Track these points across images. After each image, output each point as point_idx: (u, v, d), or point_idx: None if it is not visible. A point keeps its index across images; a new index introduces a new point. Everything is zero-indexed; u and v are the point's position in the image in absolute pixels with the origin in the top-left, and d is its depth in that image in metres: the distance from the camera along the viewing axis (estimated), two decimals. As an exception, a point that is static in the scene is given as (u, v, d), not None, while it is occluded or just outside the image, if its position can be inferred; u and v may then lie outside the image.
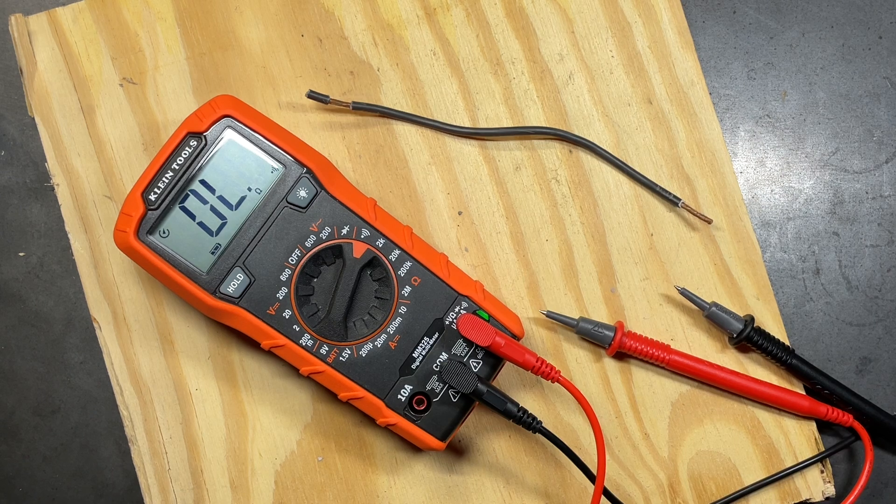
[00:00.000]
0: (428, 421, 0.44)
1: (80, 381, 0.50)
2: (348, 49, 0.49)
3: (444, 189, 0.49)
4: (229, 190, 0.43)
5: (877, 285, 0.50)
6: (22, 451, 0.50)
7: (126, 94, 0.48)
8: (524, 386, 0.48)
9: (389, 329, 0.44)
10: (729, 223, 0.49)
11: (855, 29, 0.51)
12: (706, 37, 0.51)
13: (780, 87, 0.51)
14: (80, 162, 0.48)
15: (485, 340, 0.43)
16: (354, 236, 0.43)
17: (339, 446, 0.48)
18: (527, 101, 0.49)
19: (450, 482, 0.48)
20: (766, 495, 0.48)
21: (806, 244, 0.50)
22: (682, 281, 0.49)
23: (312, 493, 0.48)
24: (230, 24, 0.49)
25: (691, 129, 0.49)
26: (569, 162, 0.49)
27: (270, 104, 0.49)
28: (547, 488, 0.48)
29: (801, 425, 0.49)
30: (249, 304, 0.43)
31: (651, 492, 0.48)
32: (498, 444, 0.48)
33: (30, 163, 0.50)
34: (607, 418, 0.48)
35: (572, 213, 0.49)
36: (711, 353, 0.49)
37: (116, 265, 0.48)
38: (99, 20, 0.49)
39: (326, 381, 0.44)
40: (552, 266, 0.49)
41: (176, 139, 0.43)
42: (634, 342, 0.47)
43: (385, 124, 0.49)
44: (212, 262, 0.43)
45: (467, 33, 0.49)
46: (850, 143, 0.51)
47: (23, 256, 0.50)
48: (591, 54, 0.49)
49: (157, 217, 0.42)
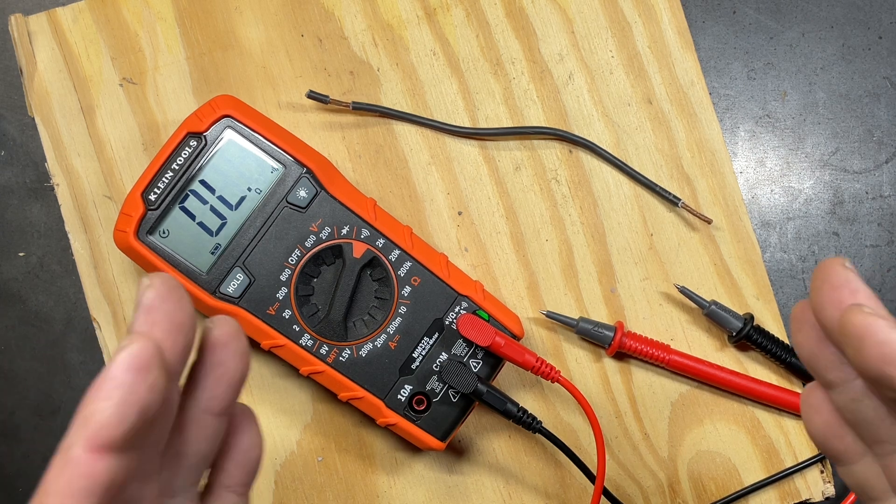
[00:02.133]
0: (428, 421, 0.44)
1: (80, 381, 0.50)
2: (348, 49, 0.49)
3: (444, 189, 0.49)
4: (229, 190, 0.43)
5: (877, 285, 0.50)
6: (22, 451, 0.50)
7: (126, 94, 0.48)
8: (524, 386, 0.48)
9: (389, 329, 0.44)
10: (729, 223, 0.49)
11: (855, 29, 0.51)
12: (706, 37, 0.51)
13: (780, 87, 0.51)
14: (80, 162, 0.48)
15: (485, 340, 0.43)
16: (354, 236, 0.43)
17: (339, 446, 0.48)
18: (527, 101, 0.49)
19: (450, 482, 0.48)
20: (766, 495, 0.48)
21: (806, 244, 0.50)
22: (681, 281, 0.49)
23: (312, 493, 0.48)
24: (230, 24, 0.49)
25: (691, 129, 0.49)
26: (569, 162, 0.49)
27: (270, 104, 0.49)
28: (547, 488, 0.48)
29: (801, 425, 0.49)
30: (249, 304, 0.43)
31: (651, 492, 0.48)
32: (498, 444, 0.48)
33: (30, 163, 0.50)
34: (607, 418, 0.48)
35: (572, 213, 0.49)
36: (711, 352, 0.49)
37: (116, 265, 0.48)
38: (99, 20, 0.49)
39: (326, 381, 0.44)
40: (552, 266, 0.49)
41: (176, 139, 0.43)
42: (634, 342, 0.47)
43: (385, 124, 0.49)
44: (212, 262, 0.43)
45: (467, 33, 0.49)
46: (850, 143, 0.51)
47: (23, 256, 0.50)
48: (591, 54, 0.49)
49: (156, 217, 0.42)
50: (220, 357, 0.28)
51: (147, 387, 0.24)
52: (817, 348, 0.29)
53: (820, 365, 0.30)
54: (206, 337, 0.28)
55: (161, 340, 0.25)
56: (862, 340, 0.26)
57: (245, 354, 0.29)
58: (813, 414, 0.31)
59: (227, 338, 0.28)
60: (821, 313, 0.28)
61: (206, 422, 0.29)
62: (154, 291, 0.26)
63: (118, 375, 0.23)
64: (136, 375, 0.23)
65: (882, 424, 0.29)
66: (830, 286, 0.28)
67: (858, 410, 0.29)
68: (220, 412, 0.29)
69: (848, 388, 0.29)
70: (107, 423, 0.23)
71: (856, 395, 0.29)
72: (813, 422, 0.31)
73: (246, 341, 0.29)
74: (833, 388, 0.30)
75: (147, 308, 0.25)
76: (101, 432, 0.23)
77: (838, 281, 0.28)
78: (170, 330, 0.26)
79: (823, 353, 0.29)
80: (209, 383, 0.28)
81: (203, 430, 0.29)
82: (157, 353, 0.24)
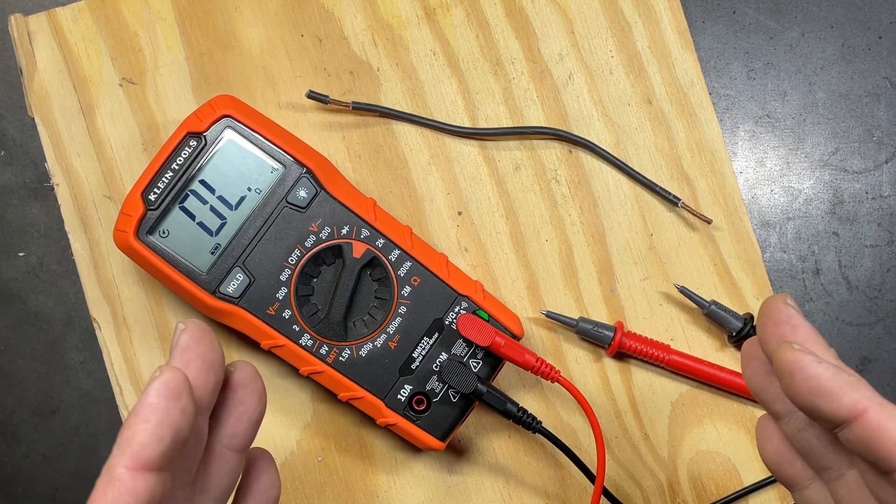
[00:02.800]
0: (428, 421, 0.44)
1: (80, 381, 0.50)
2: (348, 49, 0.49)
3: (444, 189, 0.49)
4: (229, 190, 0.43)
5: (876, 285, 0.50)
6: (22, 451, 0.50)
7: (126, 94, 0.48)
8: (524, 386, 0.48)
9: (389, 329, 0.44)
10: (729, 223, 0.49)
11: (855, 29, 0.51)
12: (706, 37, 0.51)
13: (780, 87, 0.51)
14: (80, 162, 0.48)
15: (485, 340, 0.43)
16: (354, 236, 0.43)
17: (339, 446, 0.48)
18: (526, 101, 0.49)
19: (450, 482, 0.48)
20: (766, 495, 0.48)
21: (806, 244, 0.50)
22: (681, 281, 0.49)
23: (312, 493, 0.48)
24: (230, 24, 0.49)
25: (691, 129, 0.49)
26: (569, 162, 0.49)
27: (270, 104, 0.49)
28: (547, 488, 0.48)
29: (800, 425, 0.49)
30: (249, 304, 0.43)
31: (651, 492, 0.48)
32: (498, 444, 0.48)
33: (30, 163, 0.50)
34: (607, 418, 0.48)
35: (572, 213, 0.49)
36: (711, 352, 0.49)
37: (116, 265, 0.48)
38: (99, 20, 0.49)
39: (326, 381, 0.44)
40: (552, 266, 0.49)
41: (176, 139, 0.43)
42: (634, 342, 0.47)
43: (385, 124, 0.49)
44: (212, 262, 0.43)
45: (467, 33, 0.49)
46: (850, 143, 0.51)
47: (23, 256, 0.50)
48: (591, 54, 0.49)
49: (156, 217, 0.42)
50: (241, 396, 0.31)
51: (180, 410, 0.27)
52: (764, 381, 0.31)
53: (767, 397, 0.32)
54: (227, 378, 0.31)
55: (195, 377, 0.28)
56: (792, 376, 0.27)
57: (263, 395, 0.32)
58: (765, 442, 0.33)
59: (247, 379, 0.32)
60: (765, 347, 0.30)
61: (228, 457, 0.31)
62: (189, 334, 0.29)
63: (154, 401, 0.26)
64: (169, 400, 0.27)
65: (826, 452, 0.31)
66: (773, 322, 0.29)
67: (804, 439, 0.31)
68: (241, 448, 0.32)
69: (793, 419, 0.31)
70: (147, 442, 0.26)
71: (800, 424, 0.31)
72: (766, 450, 0.33)
73: (263, 383, 0.32)
74: (780, 418, 0.32)
75: (183, 349, 0.29)
76: (142, 451, 0.26)
77: (780, 317, 0.29)
78: (202, 367, 0.29)
79: (770, 386, 0.31)
80: (231, 421, 0.31)
81: (225, 465, 0.31)
82: (186, 381, 0.27)
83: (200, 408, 0.29)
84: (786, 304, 0.30)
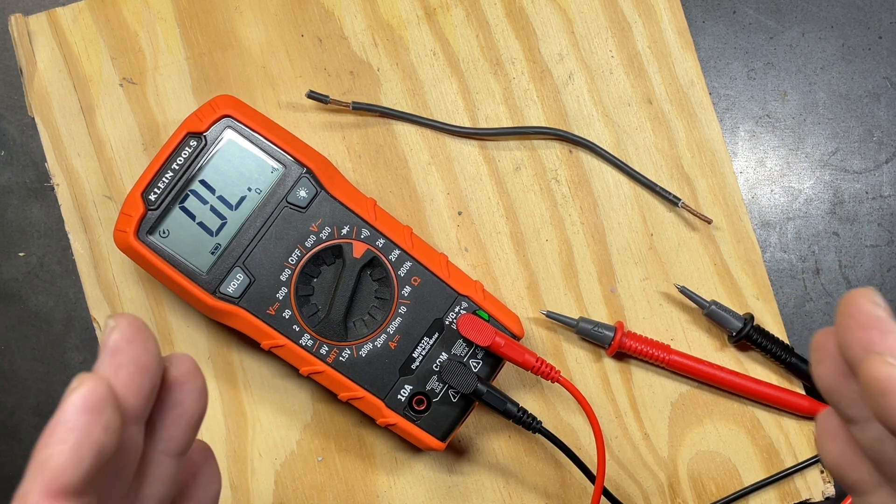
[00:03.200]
0: (428, 421, 0.44)
1: (80, 381, 0.50)
2: (348, 49, 0.49)
3: (444, 189, 0.49)
4: (229, 190, 0.43)
5: (877, 285, 0.50)
6: (22, 451, 0.50)
7: (126, 94, 0.48)
8: (524, 386, 0.48)
9: (389, 329, 0.44)
10: (729, 223, 0.49)
11: (855, 29, 0.51)
12: (706, 37, 0.51)
13: (780, 87, 0.51)
14: (80, 162, 0.48)
15: (485, 340, 0.43)
16: (354, 236, 0.43)
17: (339, 446, 0.48)
18: (527, 101, 0.49)
19: (450, 482, 0.48)
20: (766, 495, 0.48)
21: (806, 244, 0.50)
22: (681, 281, 0.49)
23: (312, 493, 0.48)
24: (230, 24, 0.49)
25: (691, 129, 0.49)
26: (569, 162, 0.49)
27: (270, 104, 0.49)
28: (547, 488, 0.48)
29: (801, 425, 0.49)
30: (249, 304, 0.43)
31: (651, 492, 0.48)
32: (498, 445, 0.48)
33: (30, 163, 0.50)
34: (607, 418, 0.48)
35: (572, 213, 0.49)
36: (711, 352, 0.49)
37: (116, 265, 0.48)
38: (99, 20, 0.49)
39: (326, 381, 0.44)
40: (552, 266, 0.49)
41: (176, 139, 0.43)
42: (634, 342, 0.47)
43: (385, 124, 0.49)
44: (212, 262, 0.43)
45: (467, 33, 0.49)
46: (850, 143, 0.51)
47: (23, 256, 0.50)
48: (591, 54, 0.49)
49: (156, 217, 0.42)
50: (177, 397, 0.27)
51: (102, 427, 0.23)
52: (839, 383, 0.28)
53: (841, 401, 0.28)
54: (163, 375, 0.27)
55: (126, 384, 0.25)
56: (884, 396, 0.24)
57: (203, 393, 0.28)
58: (828, 442, 0.29)
59: (185, 377, 0.27)
60: (846, 351, 0.26)
61: (166, 464, 0.28)
62: (119, 333, 0.25)
63: (71, 418, 0.23)
64: (89, 416, 0.23)
65: None
66: (858, 325, 0.26)
67: (881, 450, 0.27)
68: (180, 453, 0.28)
69: (870, 427, 0.27)
70: (63, 467, 0.22)
71: (879, 434, 0.27)
72: (827, 449, 0.30)
73: (204, 379, 0.28)
74: (853, 423, 0.28)
75: (112, 350, 0.25)
76: (58, 477, 0.22)
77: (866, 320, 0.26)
78: (135, 372, 0.25)
79: (846, 389, 0.28)
80: (167, 424, 0.27)
81: (163, 472, 0.28)
82: (109, 392, 0.23)
83: (132, 418, 0.25)
84: (872, 303, 0.26)
